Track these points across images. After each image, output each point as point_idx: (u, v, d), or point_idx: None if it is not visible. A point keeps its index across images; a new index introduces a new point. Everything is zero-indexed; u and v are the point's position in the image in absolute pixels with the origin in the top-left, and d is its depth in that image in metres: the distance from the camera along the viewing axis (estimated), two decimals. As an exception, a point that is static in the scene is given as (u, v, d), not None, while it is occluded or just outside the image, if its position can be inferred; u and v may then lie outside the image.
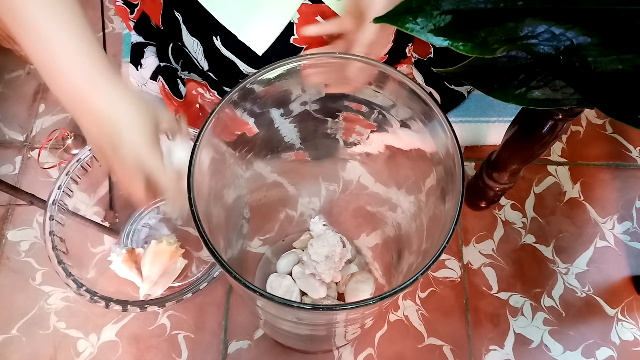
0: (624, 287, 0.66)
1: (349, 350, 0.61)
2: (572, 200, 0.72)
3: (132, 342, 0.61)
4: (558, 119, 0.48)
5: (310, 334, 0.49)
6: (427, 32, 0.32)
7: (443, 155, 0.37)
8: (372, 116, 0.45)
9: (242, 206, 0.52)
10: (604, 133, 0.77)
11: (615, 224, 0.70)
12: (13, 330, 0.62)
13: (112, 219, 0.65)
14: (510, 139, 0.55)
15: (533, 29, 0.32)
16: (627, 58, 0.31)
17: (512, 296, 0.65)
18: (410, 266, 0.43)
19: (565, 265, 0.67)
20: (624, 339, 0.63)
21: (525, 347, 0.63)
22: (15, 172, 0.72)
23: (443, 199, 0.38)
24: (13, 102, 0.77)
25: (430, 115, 0.37)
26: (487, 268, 0.67)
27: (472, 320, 0.64)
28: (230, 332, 0.62)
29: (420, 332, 0.63)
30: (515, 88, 0.38)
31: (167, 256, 0.60)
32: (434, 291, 0.65)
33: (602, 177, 0.74)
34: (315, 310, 0.31)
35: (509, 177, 0.61)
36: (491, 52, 0.32)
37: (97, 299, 0.54)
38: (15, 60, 0.79)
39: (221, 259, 0.31)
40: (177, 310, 0.63)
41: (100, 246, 0.63)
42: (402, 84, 0.38)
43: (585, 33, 0.31)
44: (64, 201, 0.58)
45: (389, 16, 0.32)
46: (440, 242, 0.32)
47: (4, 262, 0.66)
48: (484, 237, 0.69)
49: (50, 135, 0.71)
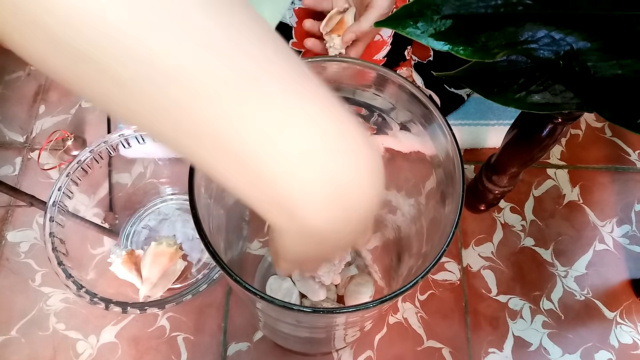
0: (622, 291, 0.66)
1: (348, 353, 0.61)
2: (572, 203, 0.72)
3: (131, 343, 0.61)
4: (557, 122, 0.48)
5: (309, 337, 0.49)
6: (427, 37, 0.32)
7: (443, 158, 0.37)
8: (372, 119, 0.45)
9: (242, 208, 0.52)
10: (603, 136, 0.77)
11: (615, 227, 0.70)
12: (12, 332, 0.62)
13: (112, 220, 0.66)
14: (510, 142, 0.55)
15: (533, 34, 0.32)
16: (626, 63, 0.31)
17: (511, 299, 0.65)
18: (410, 269, 0.43)
19: (564, 268, 0.67)
20: (623, 342, 0.63)
21: (525, 350, 0.63)
22: (15, 173, 0.72)
23: (443, 202, 0.38)
24: (13, 103, 0.77)
25: (430, 118, 0.37)
26: (487, 271, 0.67)
27: (472, 323, 0.64)
28: (230, 334, 0.62)
29: (420, 335, 0.63)
30: (515, 92, 0.38)
31: (166, 258, 0.59)
32: (433, 294, 0.65)
33: (601, 181, 0.74)
34: (314, 313, 0.31)
35: (509, 180, 0.61)
36: (491, 57, 0.32)
37: (97, 300, 0.54)
38: (15, 61, 0.79)
39: (221, 261, 0.31)
40: (177, 312, 0.63)
41: (100, 248, 0.63)
42: (402, 87, 0.38)
43: (585, 38, 0.31)
44: (64, 202, 0.58)
45: (390, 20, 0.32)
46: (440, 245, 0.32)
47: (3, 263, 0.66)
48: (483, 240, 0.69)
49: (50, 136, 0.71)
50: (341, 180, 0.19)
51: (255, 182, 0.19)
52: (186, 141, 0.18)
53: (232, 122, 0.18)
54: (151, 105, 0.17)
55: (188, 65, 0.16)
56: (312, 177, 0.19)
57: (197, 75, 0.17)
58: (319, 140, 0.19)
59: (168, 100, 0.17)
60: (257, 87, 0.18)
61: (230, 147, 0.18)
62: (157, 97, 0.17)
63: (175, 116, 0.18)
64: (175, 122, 0.18)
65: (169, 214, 0.69)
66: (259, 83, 0.18)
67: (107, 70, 0.16)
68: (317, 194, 0.19)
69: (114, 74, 0.16)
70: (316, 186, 0.19)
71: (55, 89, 0.79)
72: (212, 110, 0.17)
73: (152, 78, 0.16)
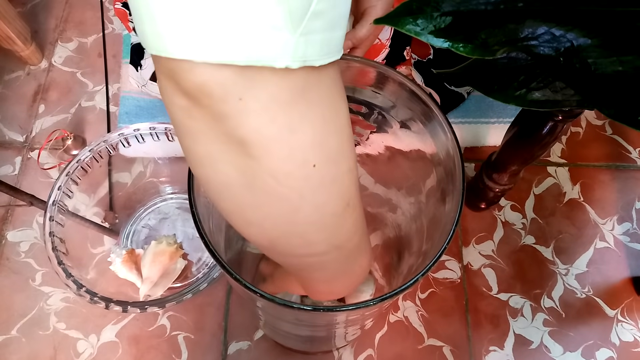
0: (623, 288, 0.66)
1: (349, 351, 0.61)
2: (572, 201, 0.72)
3: (132, 342, 0.61)
4: (558, 120, 0.48)
5: (310, 335, 0.49)
6: (427, 34, 0.32)
7: (443, 156, 0.37)
8: (372, 117, 0.45)
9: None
10: (604, 134, 0.77)
11: (615, 225, 0.70)
12: (13, 331, 0.62)
13: (112, 219, 0.65)
14: (510, 140, 0.55)
15: (533, 31, 0.32)
16: (627, 60, 0.31)
17: (512, 297, 0.65)
18: (410, 267, 0.43)
19: (565, 266, 0.67)
20: (624, 340, 0.63)
21: (525, 348, 0.63)
22: (15, 172, 0.72)
23: (443, 200, 0.38)
24: (13, 103, 0.77)
25: (430, 116, 0.37)
26: (487, 269, 0.67)
27: (472, 321, 0.64)
28: (230, 333, 0.62)
29: (420, 333, 0.63)
30: (515, 89, 0.38)
31: (167, 257, 0.59)
32: (434, 292, 0.65)
33: (602, 178, 0.74)
34: (315, 311, 0.31)
35: (509, 178, 0.61)
36: (491, 54, 0.32)
37: (97, 299, 0.54)
38: (15, 61, 0.79)
39: (221, 260, 0.31)
40: (177, 311, 0.63)
41: (100, 247, 0.63)
42: (402, 85, 0.38)
43: (585, 35, 0.31)
44: (64, 202, 0.58)
45: (389, 17, 0.32)
46: (440, 244, 0.32)
47: (3, 262, 0.66)
48: (483, 238, 0.69)
49: (50, 135, 0.71)
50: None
51: (333, 287, 0.33)
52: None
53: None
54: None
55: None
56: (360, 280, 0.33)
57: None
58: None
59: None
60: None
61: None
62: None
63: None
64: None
65: (169, 213, 0.69)
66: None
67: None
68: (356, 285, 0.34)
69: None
70: (357, 284, 0.33)
71: (54, 88, 0.79)
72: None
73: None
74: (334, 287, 0.32)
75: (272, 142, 0.20)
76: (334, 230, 0.25)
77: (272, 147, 0.20)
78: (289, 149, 0.20)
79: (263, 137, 0.19)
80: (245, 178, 0.21)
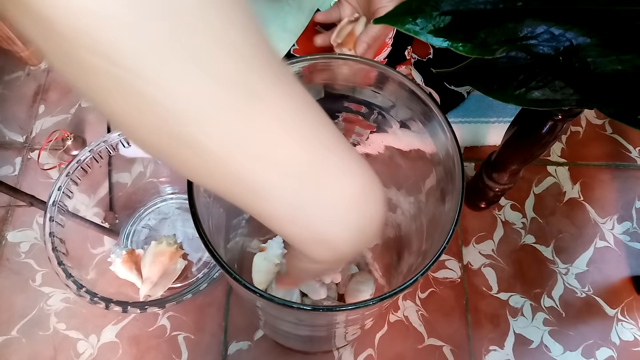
0: (623, 288, 0.66)
1: (349, 351, 0.61)
2: (572, 200, 0.72)
3: (132, 343, 0.61)
4: (557, 119, 0.48)
5: (310, 335, 0.49)
6: (426, 33, 0.32)
7: (443, 155, 0.37)
8: (372, 117, 0.45)
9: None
10: (604, 133, 0.77)
11: (615, 224, 0.70)
12: (13, 332, 0.62)
13: (112, 220, 0.65)
14: (510, 140, 0.55)
15: (532, 30, 0.32)
16: (626, 58, 0.31)
17: (512, 296, 0.65)
18: (410, 267, 0.43)
19: (565, 265, 0.67)
20: (624, 339, 0.63)
21: (525, 347, 0.63)
22: (15, 173, 0.72)
23: (443, 199, 0.38)
24: (13, 103, 0.77)
25: (430, 115, 0.37)
26: (487, 268, 0.67)
27: (472, 321, 0.64)
28: (230, 333, 0.62)
29: (420, 333, 0.63)
30: (515, 88, 0.38)
31: (167, 257, 0.59)
32: (434, 292, 0.65)
33: (602, 178, 0.74)
34: (315, 311, 0.31)
35: (509, 177, 0.61)
36: (491, 53, 0.32)
37: (97, 300, 0.54)
38: (15, 61, 0.79)
39: (221, 260, 0.31)
40: (177, 311, 0.63)
41: (100, 247, 0.63)
42: (401, 85, 0.38)
43: (584, 34, 0.31)
44: (64, 202, 0.58)
45: (389, 17, 0.32)
46: (440, 243, 0.32)
47: (3, 263, 0.66)
48: (483, 238, 0.69)
49: (50, 136, 0.71)
50: (370, 217, 0.23)
51: (304, 226, 0.22)
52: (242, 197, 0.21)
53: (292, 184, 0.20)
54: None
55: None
56: (351, 219, 0.22)
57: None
58: (358, 190, 0.22)
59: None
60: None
61: (288, 203, 0.20)
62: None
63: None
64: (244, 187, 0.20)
65: (169, 213, 0.69)
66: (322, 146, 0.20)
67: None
68: (353, 231, 0.23)
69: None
70: (353, 226, 0.22)
71: (54, 88, 0.79)
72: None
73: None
74: (310, 226, 0.21)
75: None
76: (230, 122, 0.17)
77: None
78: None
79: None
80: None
